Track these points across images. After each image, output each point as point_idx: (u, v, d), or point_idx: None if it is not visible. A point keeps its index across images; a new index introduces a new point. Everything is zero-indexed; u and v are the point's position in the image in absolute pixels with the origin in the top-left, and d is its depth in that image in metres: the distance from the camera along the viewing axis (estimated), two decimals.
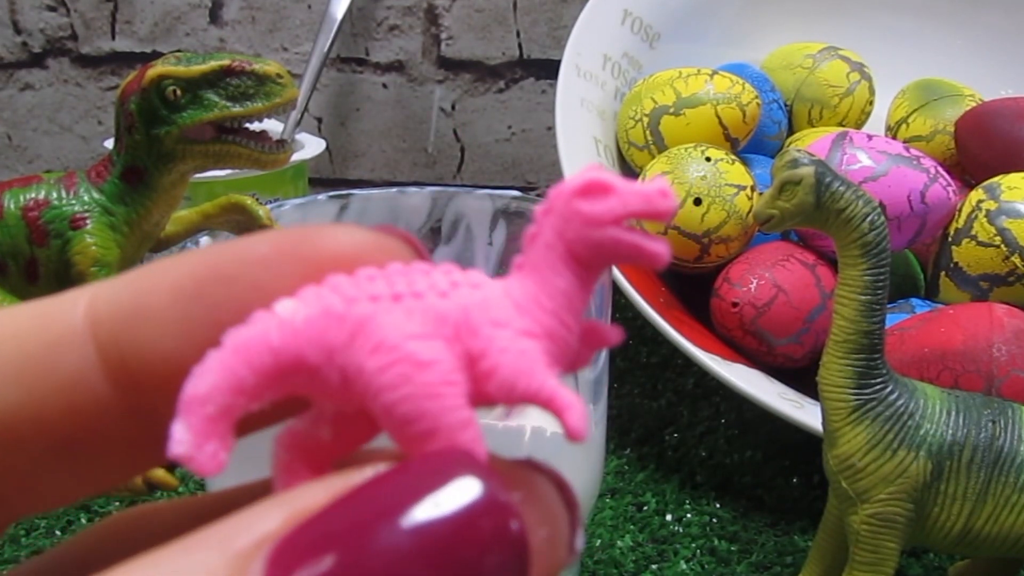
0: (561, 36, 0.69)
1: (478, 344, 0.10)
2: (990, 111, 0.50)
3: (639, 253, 0.10)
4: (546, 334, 0.10)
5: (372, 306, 0.10)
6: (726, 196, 0.44)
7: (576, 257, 0.10)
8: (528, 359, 0.10)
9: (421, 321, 0.10)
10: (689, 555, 0.38)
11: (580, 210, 0.10)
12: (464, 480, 0.09)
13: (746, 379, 0.40)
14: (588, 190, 0.10)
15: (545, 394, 0.10)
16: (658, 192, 0.10)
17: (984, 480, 0.28)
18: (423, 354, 0.10)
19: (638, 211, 0.10)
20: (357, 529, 0.09)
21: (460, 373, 0.10)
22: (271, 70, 0.35)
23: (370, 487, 0.09)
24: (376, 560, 0.08)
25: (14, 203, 0.37)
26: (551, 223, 0.11)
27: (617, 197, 0.10)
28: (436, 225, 0.37)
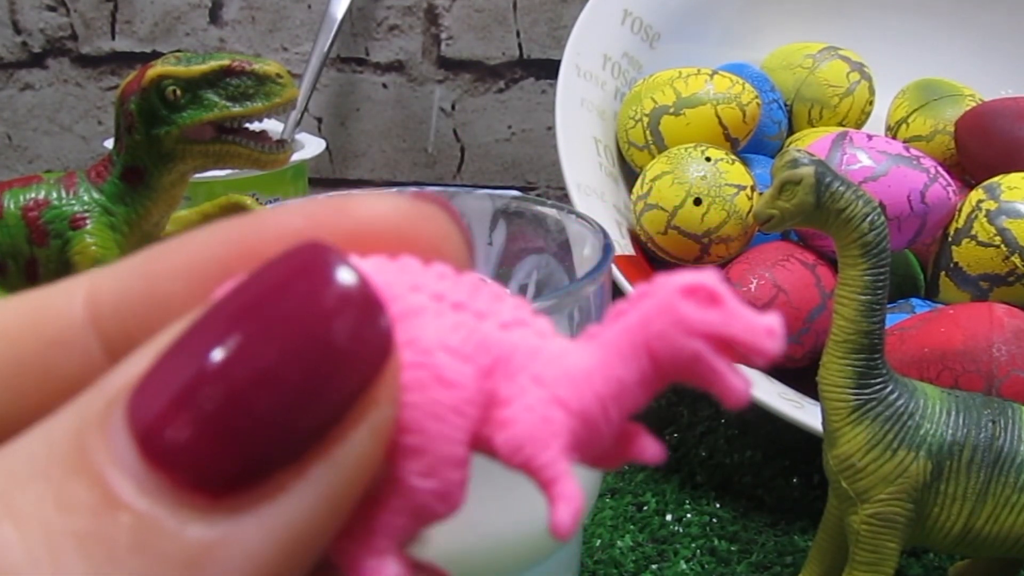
0: (561, 36, 0.69)
1: (508, 390, 0.09)
2: (990, 111, 0.50)
3: (716, 381, 0.10)
4: (582, 415, 0.10)
5: (428, 302, 0.09)
6: (726, 196, 0.44)
7: (651, 354, 0.10)
8: (549, 430, 0.09)
9: (464, 339, 0.09)
10: (689, 555, 0.38)
11: (678, 308, 0.09)
12: (336, 269, 0.08)
13: None
14: (696, 293, 0.09)
15: (547, 474, 0.09)
16: (766, 330, 0.09)
17: (984, 480, 0.28)
18: (448, 372, 0.09)
19: (738, 338, 0.09)
20: (216, 339, 0.08)
21: (476, 408, 0.09)
22: (271, 70, 0.35)
23: (228, 298, 0.09)
24: (241, 363, 0.08)
25: (14, 203, 0.37)
26: (643, 309, 0.10)
27: (722, 314, 0.09)
28: None
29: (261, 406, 0.08)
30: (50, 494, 0.08)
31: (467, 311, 0.09)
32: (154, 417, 0.08)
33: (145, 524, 0.08)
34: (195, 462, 0.08)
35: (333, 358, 0.08)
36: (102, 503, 0.08)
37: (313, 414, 0.08)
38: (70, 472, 0.08)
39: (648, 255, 0.47)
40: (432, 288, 0.09)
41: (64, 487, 0.08)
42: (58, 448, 0.08)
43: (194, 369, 0.08)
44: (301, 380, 0.08)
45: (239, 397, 0.08)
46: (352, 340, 0.08)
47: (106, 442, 0.08)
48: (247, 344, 0.08)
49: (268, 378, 0.08)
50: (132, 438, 0.08)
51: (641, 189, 0.46)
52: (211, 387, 0.08)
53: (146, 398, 0.08)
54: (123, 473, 0.08)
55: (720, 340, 0.09)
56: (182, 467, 0.08)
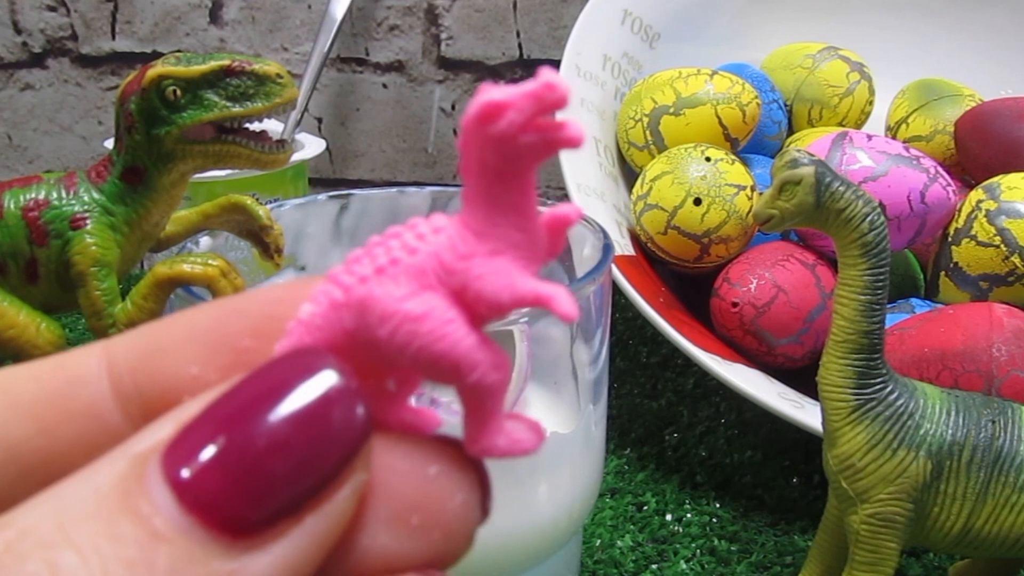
0: (561, 36, 0.69)
1: (457, 280, 0.11)
2: (990, 111, 0.50)
3: (554, 144, 0.11)
4: (509, 246, 0.12)
5: (364, 286, 0.11)
6: (726, 196, 0.44)
7: (504, 172, 0.11)
8: (503, 275, 0.11)
9: (405, 282, 0.11)
10: (689, 555, 0.38)
11: (488, 134, 0.11)
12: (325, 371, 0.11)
13: (746, 379, 0.40)
14: (487, 115, 0.11)
15: (529, 297, 0.11)
16: (545, 87, 0.11)
17: (984, 480, 0.28)
18: (415, 309, 0.11)
19: (535, 113, 0.11)
20: (236, 418, 0.10)
21: (454, 310, 0.11)
22: (271, 70, 0.35)
23: (241, 386, 0.11)
24: (256, 437, 0.10)
25: (14, 203, 0.37)
26: (471, 152, 0.11)
27: (512, 109, 0.11)
28: None
29: (273, 469, 0.10)
30: (103, 530, 0.10)
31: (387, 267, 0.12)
32: (187, 469, 0.10)
33: (181, 554, 0.10)
34: (221, 508, 0.10)
35: (328, 438, 0.10)
36: (147, 537, 0.10)
37: (311, 478, 0.10)
38: (119, 513, 0.10)
39: (648, 255, 0.47)
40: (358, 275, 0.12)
41: (115, 525, 0.10)
42: (106, 495, 0.10)
43: (222, 432, 0.10)
44: (305, 452, 0.10)
45: (257, 461, 0.10)
46: (343, 423, 0.11)
47: (146, 491, 0.10)
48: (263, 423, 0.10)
49: (280, 450, 0.10)
50: (169, 488, 0.10)
51: (641, 189, 0.46)
52: (236, 450, 0.10)
53: (178, 454, 0.10)
54: (163, 516, 0.10)
55: (528, 125, 0.11)
56: (211, 512, 0.10)
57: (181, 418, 0.11)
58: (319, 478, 0.10)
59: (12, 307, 0.36)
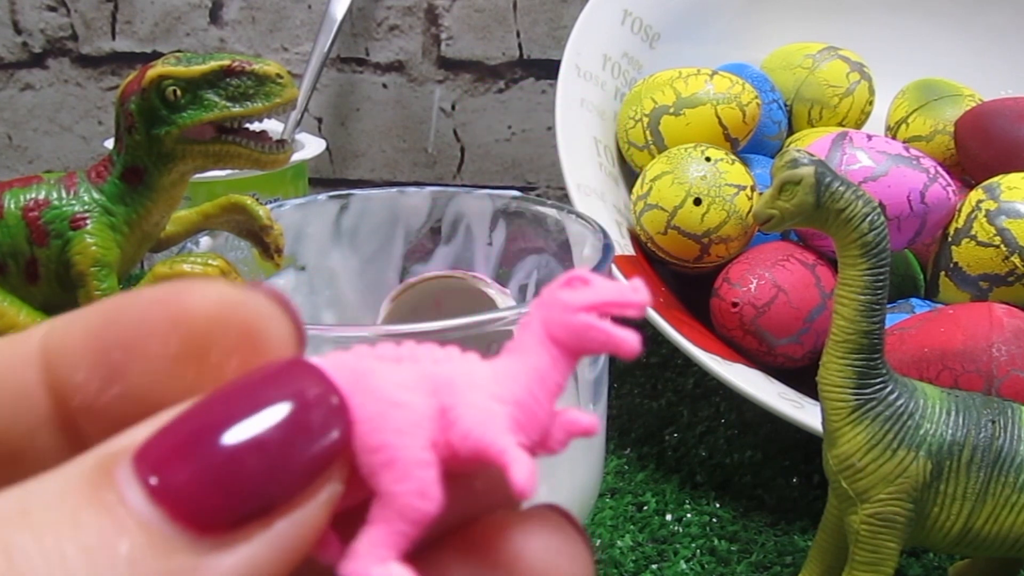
0: (561, 36, 0.69)
1: (452, 399, 0.11)
2: (990, 111, 0.50)
3: (609, 340, 0.12)
4: (515, 402, 0.12)
5: (375, 363, 0.12)
6: (726, 196, 0.44)
7: (553, 339, 0.12)
8: (491, 418, 0.11)
9: (408, 376, 0.11)
10: (689, 555, 0.38)
11: (560, 298, 0.12)
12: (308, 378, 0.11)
13: (746, 379, 0.40)
14: (570, 282, 0.12)
15: (495, 449, 0.11)
16: (631, 288, 0.12)
17: (984, 480, 0.28)
18: (399, 397, 0.11)
19: (611, 301, 0.12)
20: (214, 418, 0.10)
21: (430, 421, 0.11)
22: (271, 70, 0.35)
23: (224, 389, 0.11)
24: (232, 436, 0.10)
25: (14, 203, 0.37)
26: (539, 311, 0.12)
27: (593, 288, 0.12)
28: (436, 225, 0.37)
29: (247, 467, 0.10)
30: (66, 517, 0.10)
31: (406, 360, 0.12)
32: (161, 462, 0.10)
33: (143, 545, 0.10)
34: (190, 502, 0.10)
35: (305, 441, 0.10)
36: (110, 525, 0.10)
37: (285, 481, 0.10)
38: (83, 502, 0.10)
39: (648, 255, 0.47)
40: (376, 354, 0.12)
41: (78, 512, 0.10)
42: (72, 484, 0.10)
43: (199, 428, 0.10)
44: (280, 453, 0.10)
45: (232, 456, 0.10)
46: (321, 430, 0.11)
47: (114, 483, 0.10)
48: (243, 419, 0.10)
49: (256, 450, 0.10)
50: (138, 478, 0.10)
51: (641, 189, 0.46)
52: (212, 445, 0.10)
53: (154, 449, 0.10)
54: (128, 505, 0.10)
55: (599, 308, 0.12)
56: (178, 504, 0.10)
57: (158, 422, 0.11)
58: (293, 482, 0.10)
59: (12, 307, 0.36)
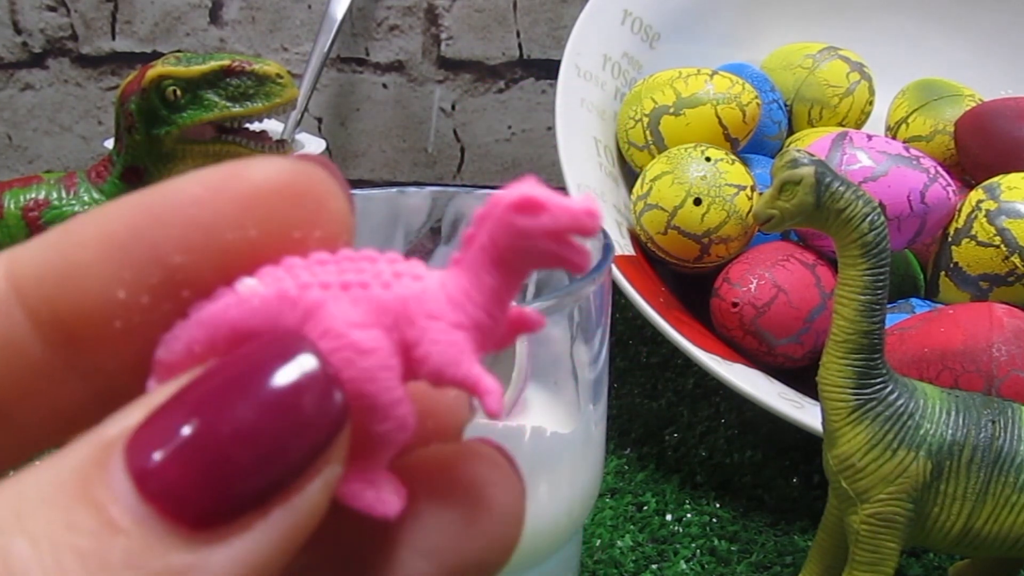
0: (561, 36, 0.69)
1: (414, 333, 0.11)
2: (990, 111, 0.50)
3: (561, 262, 0.12)
4: (474, 325, 0.12)
5: (323, 293, 0.11)
6: (726, 196, 0.44)
7: (506, 261, 0.12)
8: (456, 349, 0.11)
9: (365, 310, 0.11)
10: (689, 555, 0.38)
11: (514, 223, 0.11)
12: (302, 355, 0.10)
13: (746, 379, 0.40)
14: (523, 206, 0.11)
15: (470, 381, 0.11)
16: (584, 211, 0.11)
17: (984, 480, 0.28)
18: (365, 342, 0.11)
19: (566, 228, 0.11)
20: (202, 404, 0.10)
21: (396, 358, 0.11)
22: (271, 70, 0.35)
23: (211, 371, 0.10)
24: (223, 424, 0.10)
25: (14, 203, 0.37)
26: (487, 229, 0.12)
27: (548, 214, 0.11)
28: (436, 225, 0.37)
29: (238, 459, 0.10)
30: (59, 518, 0.09)
31: (354, 286, 0.11)
32: (150, 458, 0.10)
33: (137, 546, 0.09)
34: (181, 499, 0.09)
35: (299, 426, 0.10)
36: (102, 527, 0.09)
37: (279, 469, 0.10)
38: (76, 501, 0.09)
39: (648, 255, 0.47)
40: (318, 278, 0.11)
41: (71, 513, 0.09)
42: (65, 481, 0.10)
43: (187, 419, 0.10)
44: (272, 441, 0.10)
45: (222, 450, 0.10)
46: (315, 412, 0.10)
47: (106, 479, 0.10)
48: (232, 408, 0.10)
49: (247, 438, 0.10)
50: (129, 476, 0.10)
51: (641, 189, 0.46)
52: (201, 438, 0.10)
53: (142, 444, 0.10)
54: (120, 505, 0.09)
55: (553, 233, 0.12)
56: (170, 502, 0.09)
57: (151, 404, 0.10)
58: (287, 469, 0.10)
59: None
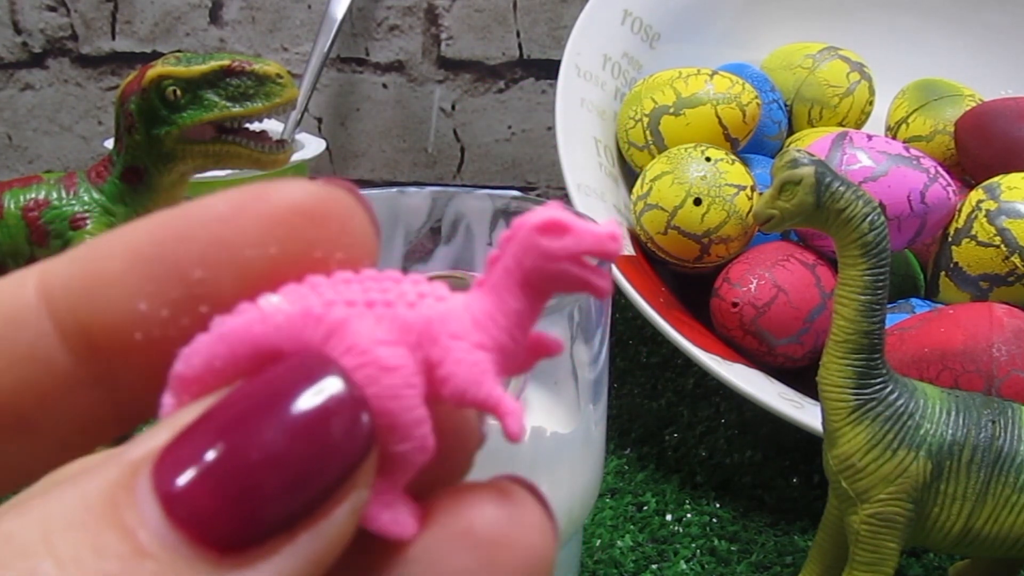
0: (561, 36, 0.69)
1: (437, 353, 0.11)
2: (990, 111, 0.50)
3: (584, 286, 0.12)
4: (497, 348, 0.12)
5: (347, 311, 0.11)
6: (726, 196, 0.44)
7: (530, 283, 0.12)
8: (479, 370, 0.11)
9: (389, 328, 0.11)
10: (689, 555, 0.38)
11: (539, 244, 0.12)
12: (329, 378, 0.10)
13: (746, 379, 0.40)
14: (548, 227, 0.12)
15: (491, 403, 0.11)
16: (608, 235, 0.12)
17: (984, 480, 0.28)
18: (389, 360, 0.11)
19: (589, 251, 0.12)
20: (230, 427, 0.10)
21: (419, 377, 0.11)
22: (271, 70, 0.35)
23: (238, 392, 0.10)
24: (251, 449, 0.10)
25: (14, 203, 0.37)
26: (512, 251, 0.12)
27: (573, 236, 0.12)
28: (436, 225, 0.37)
29: (266, 484, 0.10)
30: (87, 541, 0.09)
31: (378, 305, 0.11)
32: (177, 482, 0.10)
33: (165, 571, 0.09)
34: (209, 524, 0.09)
35: (327, 450, 0.10)
36: (131, 552, 0.09)
37: (307, 494, 0.10)
38: (104, 525, 0.09)
39: (648, 255, 0.47)
40: (343, 296, 0.11)
41: (99, 536, 0.09)
42: (92, 504, 0.10)
43: (214, 442, 0.10)
44: (301, 466, 0.10)
45: (250, 475, 0.10)
46: (343, 437, 0.10)
47: (134, 502, 0.10)
48: (260, 432, 0.10)
49: (275, 463, 0.10)
50: (157, 501, 0.10)
51: (641, 189, 0.46)
52: (230, 462, 0.10)
53: (169, 466, 0.10)
54: (148, 529, 0.09)
55: (577, 256, 0.12)
56: (198, 527, 0.09)
57: (177, 424, 0.10)
58: (316, 494, 0.10)
59: None
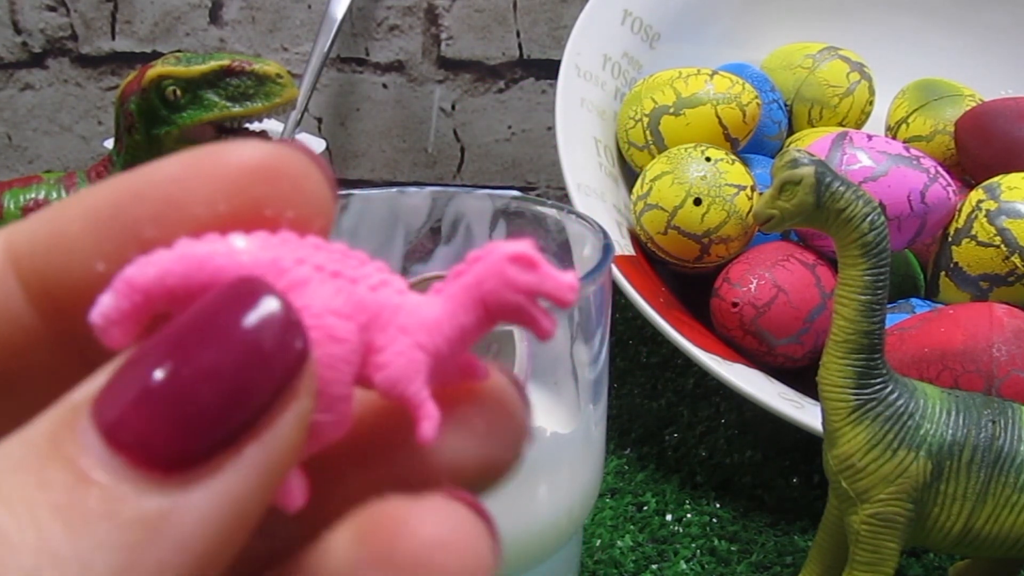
0: (561, 36, 0.69)
1: (381, 340, 0.12)
2: (990, 111, 0.50)
3: (531, 323, 0.13)
4: (435, 354, 0.12)
5: (313, 273, 0.12)
6: (726, 196, 0.44)
7: (484, 305, 0.12)
8: (413, 368, 0.12)
9: (345, 302, 0.12)
10: (689, 555, 0.38)
11: (505, 271, 0.12)
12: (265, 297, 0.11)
13: (746, 379, 0.40)
14: (519, 259, 0.12)
15: (415, 401, 0.12)
16: (569, 286, 0.12)
17: (984, 480, 0.28)
18: (336, 330, 0.11)
19: (547, 293, 0.12)
20: (164, 352, 0.10)
21: (358, 356, 0.12)
22: (271, 70, 0.35)
23: (175, 322, 0.10)
24: (185, 367, 0.10)
25: (14, 203, 0.37)
26: (477, 271, 0.12)
27: (538, 275, 0.12)
28: (436, 225, 0.37)
29: (203, 399, 0.10)
30: (31, 478, 0.09)
31: (343, 278, 0.12)
32: (115, 410, 0.10)
33: (111, 496, 0.09)
34: (150, 445, 0.10)
35: (260, 361, 0.10)
36: (75, 481, 0.09)
37: (245, 406, 0.10)
38: (47, 461, 0.10)
39: (648, 255, 0.47)
40: (312, 260, 0.12)
41: (42, 472, 0.09)
42: (35, 444, 0.10)
43: (150, 369, 0.10)
44: (235, 379, 0.10)
45: (185, 391, 0.10)
46: (275, 348, 0.10)
47: (75, 435, 0.10)
48: (192, 351, 0.10)
49: (209, 377, 0.10)
50: (96, 430, 0.10)
51: (641, 189, 0.46)
52: (163, 383, 0.10)
53: (108, 398, 0.10)
54: (91, 458, 0.10)
55: (536, 294, 0.12)
56: (140, 449, 0.10)
57: (115, 364, 0.10)
58: (254, 406, 0.10)
59: None
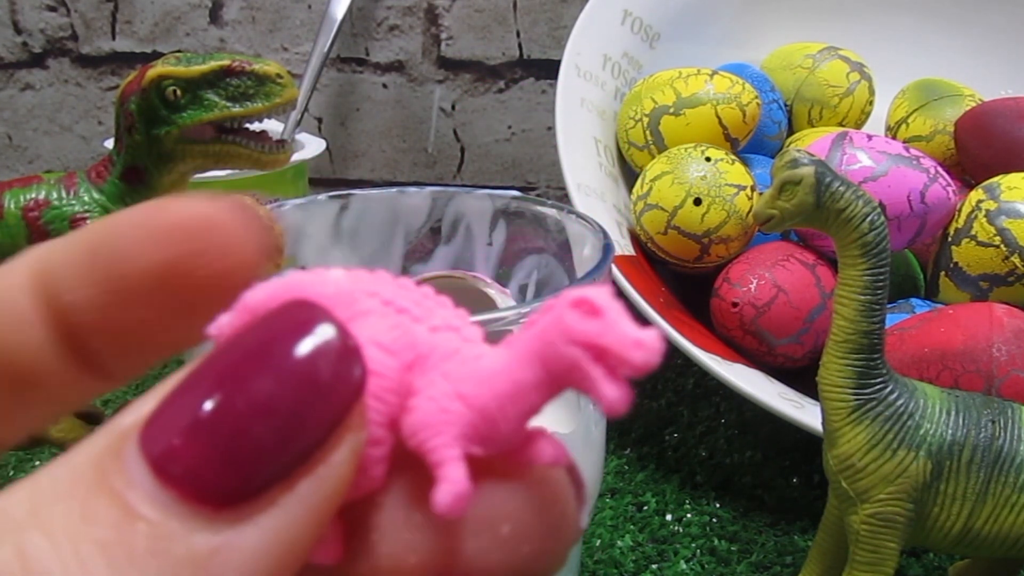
0: (561, 36, 0.69)
1: (420, 383, 0.11)
2: (990, 111, 0.50)
3: (591, 388, 0.10)
4: (480, 410, 0.11)
5: (378, 306, 0.11)
6: (726, 196, 0.44)
7: (543, 360, 0.10)
8: (443, 419, 0.10)
9: (395, 337, 0.11)
10: (689, 555, 0.38)
11: (564, 318, 0.10)
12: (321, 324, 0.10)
13: (746, 379, 0.40)
14: (581, 304, 0.10)
15: (434, 457, 0.10)
16: (634, 342, 0.10)
17: (984, 480, 0.28)
18: (373, 363, 0.10)
19: (610, 348, 0.10)
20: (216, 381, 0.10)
21: (395, 396, 0.11)
22: (271, 70, 0.35)
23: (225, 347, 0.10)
24: (238, 398, 0.09)
25: (14, 203, 0.37)
26: (544, 320, 0.11)
27: (600, 323, 0.10)
28: (436, 225, 0.37)
29: (256, 433, 0.09)
30: (76, 510, 0.09)
31: (408, 314, 0.11)
32: (164, 441, 0.09)
33: (159, 532, 0.09)
34: (200, 479, 0.09)
35: (316, 395, 0.10)
36: (122, 516, 0.09)
37: (299, 440, 0.10)
38: (92, 492, 0.09)
39: (648, 255, 0.47)
40: (386, 294, 0.11)
41: (88, 504, 0.09)
42: (80, 473, 0.09)
43: (201, 399, 0.10)
44: (290, 412, 0.10)
45: (239, 425, 0.09)
46: (332, 380, 0.10)
47: (122, 467, 0.09)
48: (246, 382, 0.10)
49: (263, 410, 0.09)
50: (145, 462, 0.09)
51: (641, 189, 0.46)
52: (214, 413, 0.09)
53: (157, 428, 0.09)
54: (138, 491, 0.09)
55: (597, 349, 0.10)
56: (190, 484, 0.09)
57: (164, 389, 0.10)
58: (309, 440, 0.10)
59: None
